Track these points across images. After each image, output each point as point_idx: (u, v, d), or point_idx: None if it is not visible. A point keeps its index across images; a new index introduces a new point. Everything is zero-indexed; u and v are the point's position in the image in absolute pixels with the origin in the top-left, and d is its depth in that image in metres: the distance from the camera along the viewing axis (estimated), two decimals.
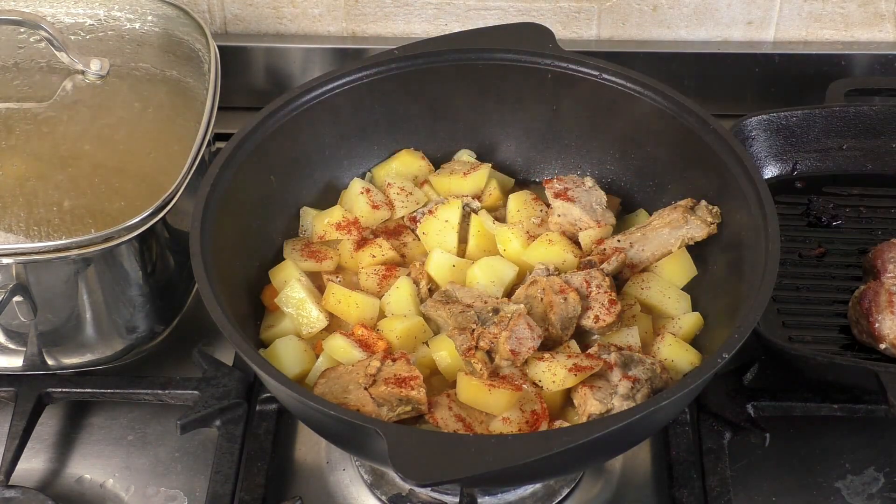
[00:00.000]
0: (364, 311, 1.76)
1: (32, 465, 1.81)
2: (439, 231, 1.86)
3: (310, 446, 1.83)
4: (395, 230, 1.91)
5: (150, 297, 1.82)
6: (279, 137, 1.85)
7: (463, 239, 1.88)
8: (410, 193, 1.95)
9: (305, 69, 2.33)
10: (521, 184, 2.02)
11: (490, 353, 1.66)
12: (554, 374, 1.64)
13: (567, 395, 1.66)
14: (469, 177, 1.94)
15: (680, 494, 1.71)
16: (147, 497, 1.77)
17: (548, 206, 1.90)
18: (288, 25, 2.34)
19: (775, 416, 1.80)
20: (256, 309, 1.81)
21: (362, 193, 1.92)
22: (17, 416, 1.80)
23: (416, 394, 1.59)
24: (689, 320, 1.76)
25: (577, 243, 1.86)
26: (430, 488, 1.70)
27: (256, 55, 2.32)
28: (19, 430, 1.78)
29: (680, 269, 1.82)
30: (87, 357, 1.83)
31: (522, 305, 1.70)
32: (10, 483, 1.73)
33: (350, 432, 1.50)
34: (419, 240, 1.89)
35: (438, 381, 1.69)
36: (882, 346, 1.82)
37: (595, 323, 1.73)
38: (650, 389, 1.63)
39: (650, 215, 1.89)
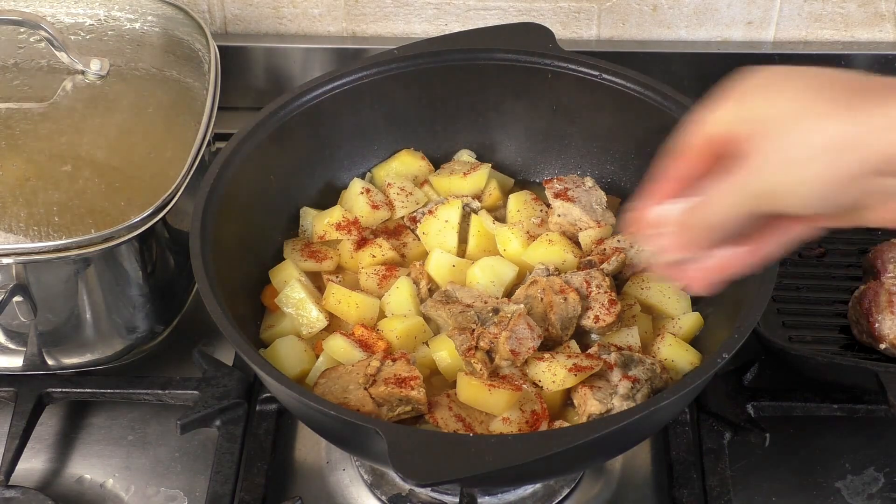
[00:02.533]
0: (364, 311, 1.76)
1: (32, 465, 1.81)
2: (439, 231, 1.86)
3: (310, 446, 1.83)
4: (395, 230, 1.91)
5: (150, 297, 1.82)
6: (279, 137, 1.84)
7: (463, 239, 1.88)
8: (410, 193, 1.95)
9: (305, 69, 2.33)
10: (521, 184, 2.02)
11: (490, 353, 1.66)
12: (554, 374, 1.63)
13: (567, 395, 1.66)
14: (469, 177, 1.94)
15: (680, 494, 1.71)
16: (147, 497, 1.77)
17: (548, 206, 1.90)
18: (288, 25, 2.34)
19: (775, 416, 1.80)
20: (256, 309, 1.81)
21: (362, 193, 1.92)
22: (17, 416, 1.80)
23: (416, 394, 1.59)
24: (689, 320, 1.76)
25: (577, 243, 1.86)
26: (430, 488, 1.70)
27: (256, 55, 2.32)
28: (19, 430, 1.78)
29: None
30: (87, 357, 1.83)
31: (522, 305, 1.69)
32: (10, 483, 1.73)
33: (350, 432, 1.50)
34: (419, 240, 1.89)
35: (438, 381, 1.69)
36: (882, 346, 1.82)
37: (595, 323, 1.73)
38: (650, 389, 1.63)
39: None
